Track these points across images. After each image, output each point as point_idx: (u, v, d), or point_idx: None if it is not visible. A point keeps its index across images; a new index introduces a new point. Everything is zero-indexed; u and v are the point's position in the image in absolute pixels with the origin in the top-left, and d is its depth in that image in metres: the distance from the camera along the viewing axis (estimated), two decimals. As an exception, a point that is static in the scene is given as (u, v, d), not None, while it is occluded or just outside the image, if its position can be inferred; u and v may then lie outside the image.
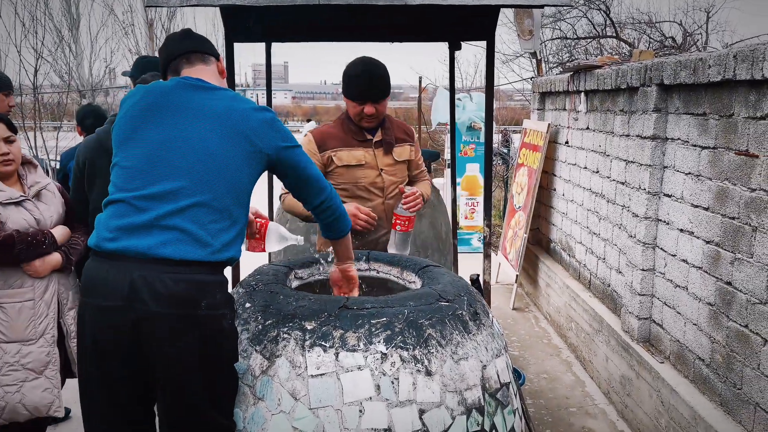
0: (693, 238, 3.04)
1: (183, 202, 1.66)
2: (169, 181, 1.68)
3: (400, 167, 2.95)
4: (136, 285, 1.59)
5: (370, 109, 2.77)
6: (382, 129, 2.91)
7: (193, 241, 1.65)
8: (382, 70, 2.80)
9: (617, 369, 3.72)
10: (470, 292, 2.00)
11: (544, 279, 5.39)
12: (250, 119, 1.80)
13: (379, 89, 2.77)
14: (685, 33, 10.81)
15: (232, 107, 1.80)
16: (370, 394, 1.62)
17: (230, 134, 1.75)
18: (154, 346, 1.61)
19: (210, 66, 1.99)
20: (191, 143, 1.72)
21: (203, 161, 1.71)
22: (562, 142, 5.21)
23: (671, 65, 3.15)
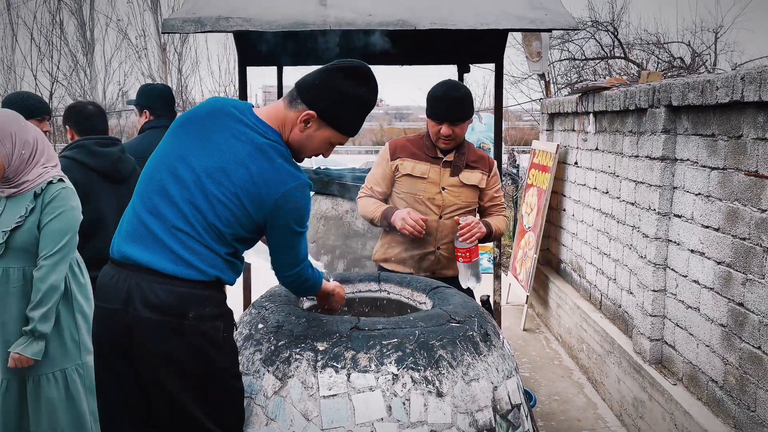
0: (704, 258, 3.04)
1: (183, 224, 1.74)
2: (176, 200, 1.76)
3: (466, 191, 2.97)
4: (132, 291, 1.70)
5: (446, 130, 2.83)
6: (457, 152, 2.96)
7: (187, 260, 1.73)
8: (463, 93, 2.86)
9: (629, 391, 3.69)
10: (481, 313, 2.01)
11: (555, 300, 5.37)
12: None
13: (456, 111, 2.83)
14: (694, 53, 10.85)
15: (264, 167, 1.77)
16: (381, 415, 1.63)
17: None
18: (143, 349, 1.70)
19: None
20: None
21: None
22: (572, 162, 5.22)
23: (679, 87, 3.17)
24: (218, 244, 1.75)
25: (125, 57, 18.72)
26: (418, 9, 3.00)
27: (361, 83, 1.85)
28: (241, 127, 1.79)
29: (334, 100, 1.82)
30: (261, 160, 1.76)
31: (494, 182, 3.05)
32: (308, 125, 1.83)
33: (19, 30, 14.45)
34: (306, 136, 1.85)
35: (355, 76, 1.85)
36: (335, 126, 1.86)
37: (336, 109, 1.83)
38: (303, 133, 1.84)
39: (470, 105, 2.90)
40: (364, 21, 2.98)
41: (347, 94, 1.83)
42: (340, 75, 1.83)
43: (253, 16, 2.90)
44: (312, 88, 1.84)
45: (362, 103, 1.87)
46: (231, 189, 1.74)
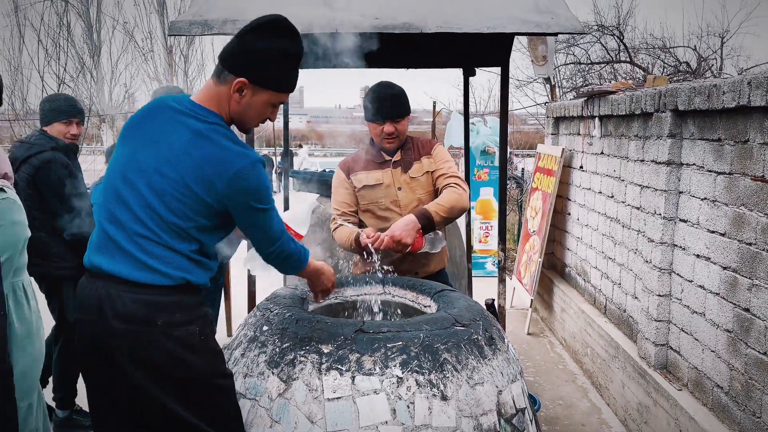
0: (710, 263, 3.02)
1: (140, 227, 1.73)
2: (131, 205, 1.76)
3: (421, 183, 2.96)
4: (103, 302, 1.71)
5: (389, 128, 2.85)
6: (402, 150, 2.98)
7: (150, 265, 1.72)
8: (398, 90, 2.89)
9: (634, 396, 3.67)
10: (486, 316, 2.01)
11: (559, 304, 5.36)
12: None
13: (395, 108, 2.85)
14: (700, 58, 10.83)
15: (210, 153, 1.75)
16: (386, 418, 1.62)
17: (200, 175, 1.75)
18: (121, 357, 1.70)
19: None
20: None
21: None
22: (577, 166, 5.21)
23: (685, 91, 3.16)
24: (180, 241, 1.73)
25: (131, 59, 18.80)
26: (424, 12, 3.00)
27: (280, 36, 1.79)
28: (179, 116, 1.78)
29: (259, 61, 1.78)
30: (204, 144, 1.73)
31: (438, 158, 2.98)
32: (243, 94, 1.80)
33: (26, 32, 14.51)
34: (244, 105, 1.82)
35: (273, 30, 1.79)
36: (269, 86, 1.82)
37: (264, 69, 1.79)
38: (240, 103, 1.81)
39: (407, 102, 2.92)
40: (370, 24, 2.99)
41: (270, 51, 1.78)
42: (257, 34, 1.78)
43: (260, 19, 2.91)
44: (234, 56, 1.80)
45: (287, 54, 1.81)
46: (178, 179, 1.71)
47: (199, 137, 1.74)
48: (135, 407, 1.74)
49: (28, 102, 13.19)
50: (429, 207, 2.73)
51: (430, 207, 2.73)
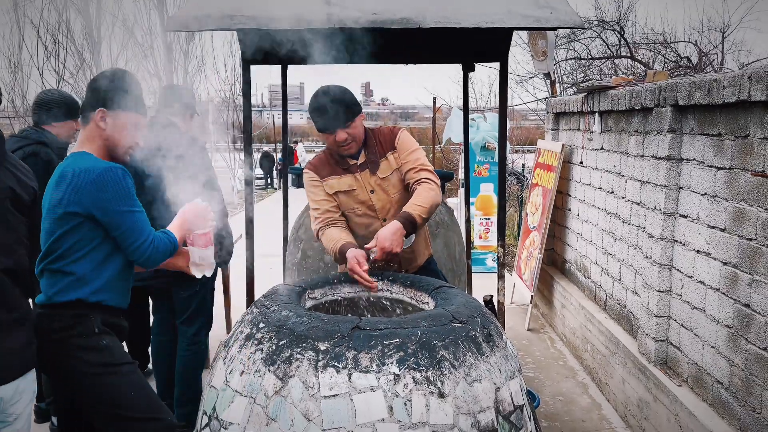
0: (710, 259, 3.01)
1: (39, 266, 2.17)
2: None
3: (392, 182, 2.83)
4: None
5: (341, 135, 2.71)
6: (365, 149, 2.84)
7: (43, 292, 2.14)
8: (339, 93, 2.71)
9: (634, 392, 3.67)
10: (484, 313, 2.00)
11: (559, 300, 5.35)
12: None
13: (339, 114, 2.68)
14: (701, 53, 10.79)
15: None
16: (383, 416, 1.61)
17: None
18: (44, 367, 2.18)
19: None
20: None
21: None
22: (577, 162, 5.20)
23: (685, 86, 3.14)
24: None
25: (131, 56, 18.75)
26: (422, 7, 2.98)
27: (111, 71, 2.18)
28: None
29: (105, 89, 2.12)
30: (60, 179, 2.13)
31: (403, 149, 2.83)
32: (106, 122, 2.14)
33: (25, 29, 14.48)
34: (111, 131, 2.15)
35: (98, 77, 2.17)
36: (126, 107, 2.14)
37: (112, 94, 2.12)
38: (107, 131, 2.15)
39: (353, 101, 2.74)
40: (368, 19, 2.97)
41: (108, 77, 2.14)
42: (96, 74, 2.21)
43: (257, 14, 2.88)
44: (86, 97, 2.17)
45: (124, 75, 2.17)
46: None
47: (61, 176, 2.14)
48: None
49: (28, 99, 13.15)
50: (411, 210, 2.61)
51: (413, 210, 2.61)
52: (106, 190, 2.03)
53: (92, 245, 2.09)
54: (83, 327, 2.08)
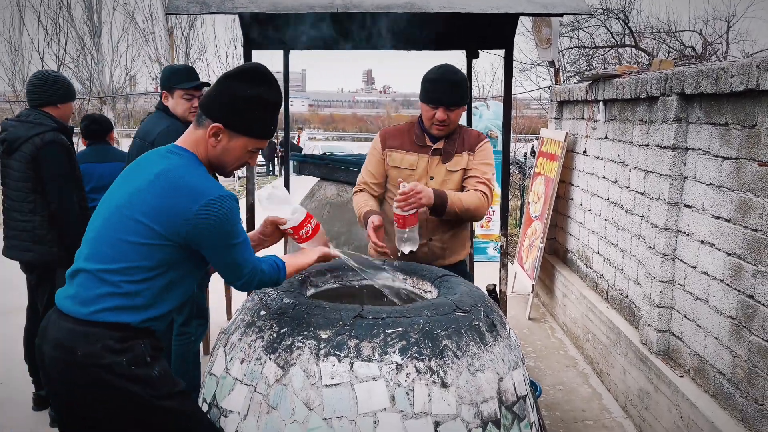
0: (714, 249, 2.99)
1: (82, 264, 1.80)
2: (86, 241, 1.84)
3: (454, 178, 2.82)
4: (46, 326, 1.81)
5: (441, 115, 2.73)
6: (447, 139, 2.84)
7: (80, 300, 1.76)
8: (460, 78, 2.75)
9: (635, 382, 3.66)
10: (487, 302, 1.98)
11: (561, 289, 5.33)
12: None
13: (453, 96, 2.72)
14: (705, 42, 10.73)
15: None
16: (384, 405, 1.60)
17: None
18: (51, 382, 1.79)
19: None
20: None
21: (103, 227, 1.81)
22: (580, 151, 5.16)
23: (692, 74, 3.11)
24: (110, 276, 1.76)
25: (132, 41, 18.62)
26: (426, -8, 2.94)
27: (259, 83, 1.82)
28: (155, 156, 1.85)
29: (236, 108, 1.80)
30: (161, 184, 1.76)
31: (479, 157, 2.85)
32: (219, 138, 1.82)
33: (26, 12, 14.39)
34: (220, 149, 1.84)
35: (251, 78, 1.82)
36: (246, 132, 1.83)
37: (240, 116, 1.80)
38: (216, 147, 1.83)
39: (466, 91, 2.80)
40: (372, 3, 2.93)
41: (247, 98, 1.80)
42: (235, 81, 1.81)
43: (259, -2, 2.85)
44: (213, 101, 1.82)
45: (265, 103, 1.82)
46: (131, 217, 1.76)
47: (159, 177, 1.77)
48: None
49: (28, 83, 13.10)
50: (450, 195, 2.65)
51: (452, 196, 2.65)
52: (211, 224, 1.72)
53: (165, 269, 1.77)
54: (134, 354, 1.74)
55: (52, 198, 3.26)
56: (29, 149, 3.23)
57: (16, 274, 3.72)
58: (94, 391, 1.72)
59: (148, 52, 16.60)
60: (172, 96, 3.33)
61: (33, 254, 3.32)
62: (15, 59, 14.63)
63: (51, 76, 3.52)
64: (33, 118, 3.32)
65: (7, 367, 4.11)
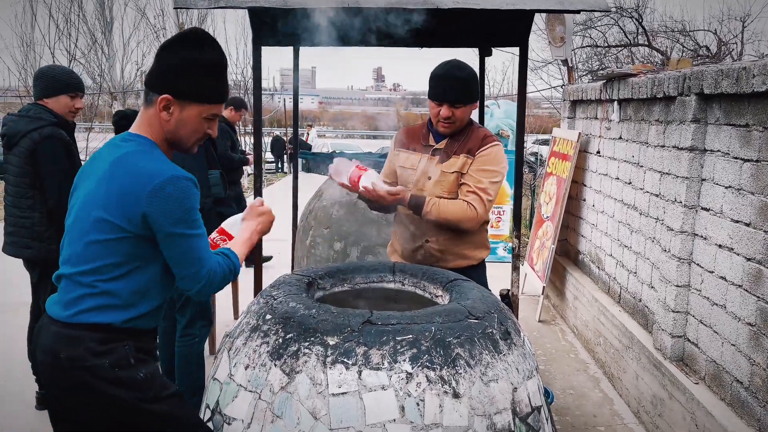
0: (732, 254, 2.91)
1: (61, 268, 1.79)
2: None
3: (448, 179, 2.71)
4: (38, 332, 1.80)
5: (446, 111, 2.65)
6: (451, 138, 2.75)
7: (62, 304, 1.75)
8: (467, 74, 2.68)
9: (648, 388, 3.58)
10: (501, 309, 1.91)
11: (572, 291, 5.26)
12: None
13: (457, 92, 2.64)
14: (720, 42, 10.59)
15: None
16: (394, 416, 1.54)
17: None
18: (43, 386, 1.79)
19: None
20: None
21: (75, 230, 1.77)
22: (593, 151, 5.08)
23: (712, 74, 3.02)
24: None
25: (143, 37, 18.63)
26: (439, -12, 2.86)
27: (199, 47, 1.75)
28: (111, 149, 1.79)
29: (180, 74, 1.73)
30: (117, 173, 1.71)
31: (479, 162, 2.68)
32: (170, 111, 1.75)
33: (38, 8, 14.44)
34: (175, 122, 1.77)
35: (191, 43, 1.76)
36: (196, 98, 1.76)
37: (186, 81, 1.73)
38: (170, 121, 1.76)
39: (474, 88, 2.72)
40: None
41: (189, 61, 1.73)
42: (173, 48, 1.75)
43: (269, -7, 2.79)
44: (155, 75, 1.76)
45: (208, 63, 1.76)
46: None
47: (112, 167, 1.72)
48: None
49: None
50: (430, 202, 2.60)
51: (432, 204, 2.60)
52: (163, 207, 1.66)
53: (137, 264, 1.71)
54: (116, 357, 1.70)
55: (51, 194, 3.21)
56: (27, 144, 3.18)
57: (16, 273, 3.68)
58: (78, 395, 1.69)
59: (158, 47, 16.61)
60: None
61: (32, 251, 3.27)
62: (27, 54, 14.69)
63: (44, 69, 3.45)
64: (33, 112, 3.27)
65: (9, 366, 4.08)
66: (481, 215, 2.64)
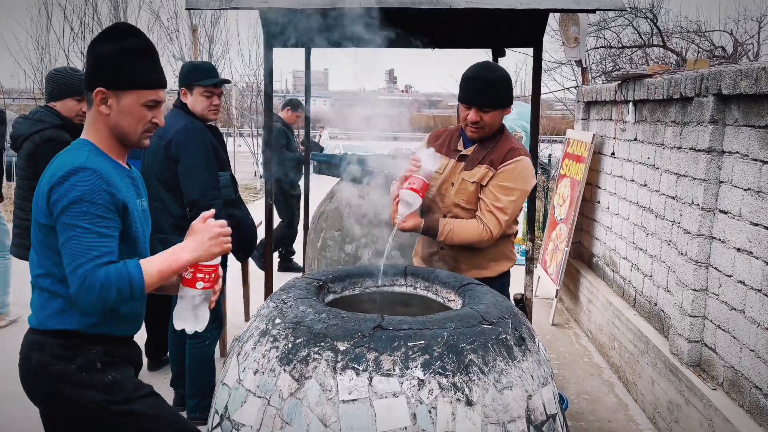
0: (752, 258, 2.85)
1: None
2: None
3: (469, 188, 2.62)
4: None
5: (474, 116, 2.58)
6: (480, 144, 2.66)
7: (33, 311, 1.78)
8: (497, 77, 2.58)
9: (664, 393, 3.52)
10: (515, 314, 1.87)
11: (586, 295, 5.20)
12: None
13: (486, 96, 2.56)
14: (736, 43, 10.46)
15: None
16: (405, 424, 1.50)
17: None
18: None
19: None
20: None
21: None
22: (608, 153, 5.02)
23: (730, 74, 2.97)
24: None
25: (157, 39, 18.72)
26: (452, -12, 2.84)
27: (123, 36, 1.75)
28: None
29: (110, 65, 1.72)
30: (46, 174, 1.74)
31: (499, 178, 2.59)
32: (108, 103, 1.74)
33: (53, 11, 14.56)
34: (115, 114, 1.75)
35: (112, 34, 1.76)
36: (130, 85, 1.74)
37: (117, 70, 1.72)
38: (111, 114, 1.75)
39: (505, 91, 2.61)
40: (396, 0, 2.84)
41: (115, 50, 1.72)
42: (100, 42, 1.75)
43: (280, -7, 2.78)
44: (88, 73, 1.77)
45: (134, 49, 1.75)
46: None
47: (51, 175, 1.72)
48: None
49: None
50: (444, 228, 2.55)
51: (447, 230, 2.55)
52: (60, 193, 1.62)
53: None
54: (82, 360, 1.70)
55: None
56: (29, 147, 3.20)
57: (19, 274, 3.69)
58: (51, 400, 1.72)
59: (173, 50, 16.66)
60: (192, 93, 3.25)
61: None
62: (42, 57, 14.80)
63: (53, 72, 3.46)
64: (38, 115, 3.28)
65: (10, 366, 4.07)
66: (496, 236, 2.58)
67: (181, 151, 3.06)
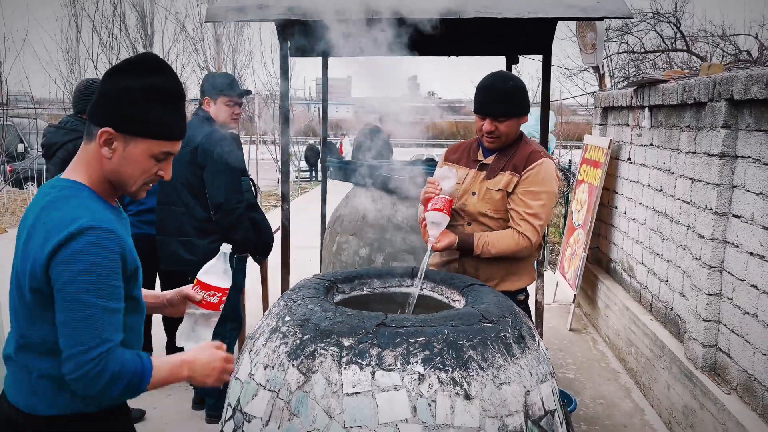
0: (764, 262, 2.85)
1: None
2: None
3: (494, 196, 2.60)
4: None
5: (488, 126, 2.56)
6: (500, 153, 2.65)
7: (13, 385, 1.56)
8: (512, 86, 2.57)
9: (679, 398, 3.52)
10: (515, 313, 1.92)
11: (603, 300, 5.19)
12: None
13: (500, 105, 2.54)
14: (762, 46, 10.33)
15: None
16: (406, 416, 1.56)
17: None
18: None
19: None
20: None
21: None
22: (624, 158, 5.03)
23: (742, 79, 2.98)
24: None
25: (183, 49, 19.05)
26: (464, -3, 2.90)
27: (149, 73, 1.48)
28: (38, 204, 1.51)
29: (125, 104, 1.45)
30: (34, 233, 1.45)
31: (525, 184, 2.57)
32: (113, 147, 1.47)
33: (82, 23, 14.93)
34: (118, 159, 1.48)
35: (139, 68, 1.48)
36: (143, 133, 1.47)
37: (132, 113, 1.45)
38: (112, 158, 1.48)
39: (520, 100, 2.59)
40: (409, 9, 2.92)
41: (137, 90, 1.45)
42: (121, 74, 1.48)
43: (295, 5, 2.87)
44: (96, 104, 1.49)
45: (160, 92, 1.48)
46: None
47: (33, 227, 1.46)
48: None
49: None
50: (479, 242, 2.53)
51: (482, 244, 2.53)
52: (70, 262, 1.37)
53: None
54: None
55: None
56: (63, 155, 3.32)
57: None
58: None
59: (198, 60, 16.96)
60: (215, 103, 3.38)
61: None
62: (71, 68, 15.17)
63: (81, 83, 3.60)
64: (70, 125, 3.41)
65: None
66: (536, 242, 2.58)
67: (208, 158, 3.22)
